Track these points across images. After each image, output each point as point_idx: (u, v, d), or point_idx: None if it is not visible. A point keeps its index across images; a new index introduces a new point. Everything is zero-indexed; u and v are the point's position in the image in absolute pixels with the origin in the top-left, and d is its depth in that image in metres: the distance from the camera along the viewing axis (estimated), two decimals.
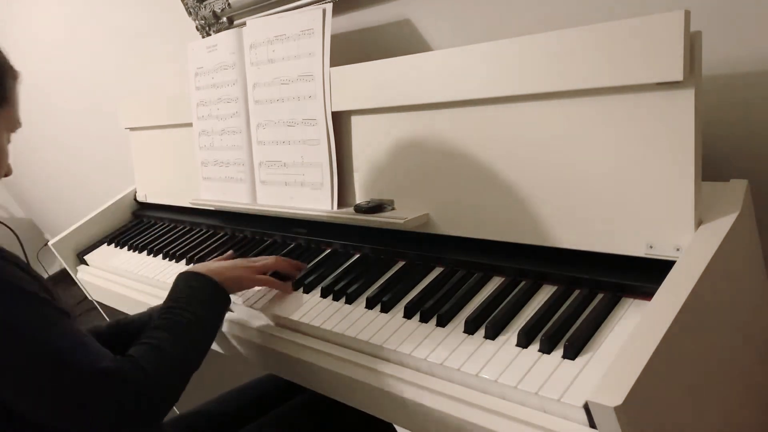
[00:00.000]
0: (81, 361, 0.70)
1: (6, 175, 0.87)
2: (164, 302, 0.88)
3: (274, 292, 1.02)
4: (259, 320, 1.02)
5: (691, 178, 0.70)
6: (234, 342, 1.05)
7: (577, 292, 0.78)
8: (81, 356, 0.71)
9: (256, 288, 1.04)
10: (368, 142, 1.05)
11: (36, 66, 2.50)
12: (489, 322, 0.76)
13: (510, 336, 0.75)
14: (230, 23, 1.49)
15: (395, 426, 1.15)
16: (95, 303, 1.63)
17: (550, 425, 0.63)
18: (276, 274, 1.03)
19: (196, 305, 0.86)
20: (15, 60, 0.88)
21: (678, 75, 0.68)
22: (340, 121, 1.09)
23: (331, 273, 1.03)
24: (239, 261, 1.01)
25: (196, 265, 0.99)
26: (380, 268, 0.99)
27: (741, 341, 0.79)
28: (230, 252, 1.18)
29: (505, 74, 0.83)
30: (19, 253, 3.42)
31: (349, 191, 1.10)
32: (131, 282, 1.37)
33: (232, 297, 0.97)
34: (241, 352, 1.06)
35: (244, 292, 1.03)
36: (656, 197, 0.73)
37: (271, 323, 1.00)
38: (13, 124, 0.86)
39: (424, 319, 0.83)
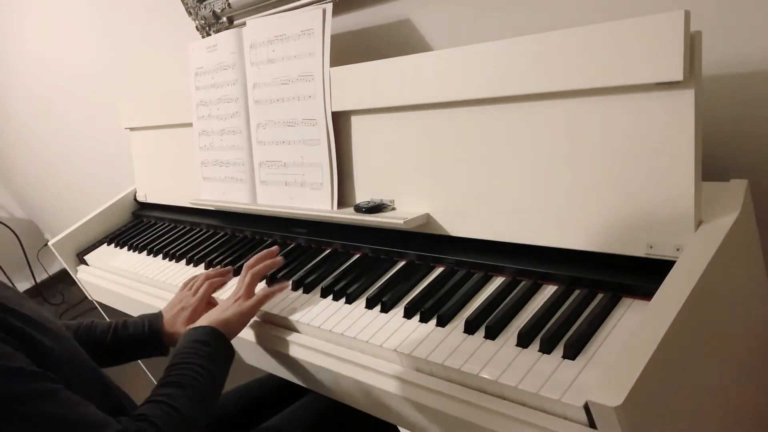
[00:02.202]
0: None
1: None
2: (171, 358, 0.86)
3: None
4: (259, 320, 1.02)
5: (691, 178, 0.70)
6: (234, 342, 1.05)
7: (577, 292, 0.78)
8: (91, 427, 0.67)
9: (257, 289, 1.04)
10: (368, 142, 1.05)
11: (36, 66, 2.50)
12: (489, 322, 0.76)
13: (510, 336, 0.75)
14: (230, 23, 1.49)
15: (398, 427, 1.15)
16: (95, 303, 1.63)
17: (550, 425, 0.63)
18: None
19: (200, 359, 0.84)
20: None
21: (678, 75, 0.68)
22: (340, 121, 1.09)
23: (331, 273, 1.03)
24: (230, 304, 0.97)
25: (202, 317, 0.97)
26: (380, 268, 0.99)
27: (741, 341, 0.79)
28: (228, 267, 1.16)
29: (504, 74, 0.83)
30: (19, 253, 3.43)
31: (349, 191, 1.10)
32: (131, 282, 1.37)
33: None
34: (241, 352, 1.06)
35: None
36: (656, 197, 0.73)
37: (271, 323, 1.00)
38: None
39: (424, 319, 0.83)
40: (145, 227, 1.60)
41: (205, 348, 0.85)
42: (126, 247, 1.51)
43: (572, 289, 0.79)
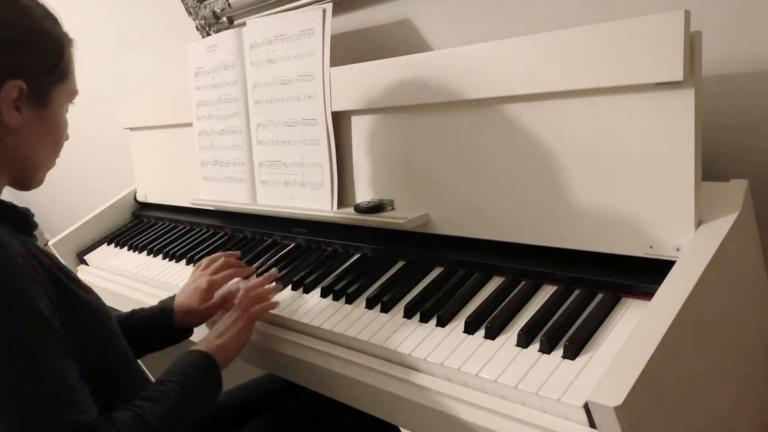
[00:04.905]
0: (66, 410, 0.66)
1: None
2: (162, 373, 0.86)
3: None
4: (259, 320, 1.01)
5: (691, 178, 0.70)
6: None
7: (577, 292, 0.78)
8: (67, 405, 0.67)
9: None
10: (368, 142, 1.05)
11: None
12: (489, 322, 0.76)
13: (510, 336, 0.75)
14: (230, 23, 1.49)
15: (399, 427, 1.15)
16: None
17: (550, 425, 0.63)
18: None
19: (188, 384, 0.83)
20: None
21: (678, 75, 0.68)
22: (340, 121, 1.09)
23: (331, 273, 1.03)
24: (226, 327, 0.94)
25: (203, 339, 0.94)
26: (380, 268, 0.99)
27: (741, 341, 0.79)
28: (237, 252, 1.16)
29: (504, 74, 0.83)
30: None
31: (349, 191, 1.10)
32: (131, 282, 1.37)
33: None
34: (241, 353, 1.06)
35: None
36: (656, 197, 0.73)
37: (271, 323, 1.00)
38: (72, 94, 0.85)
39: (424, 319, 0.83)
40: (145, 227, 1.60)
41: (195, 373, 0.84)
42: (126, 247, 1.51)
43: (572, 289, 0.79)
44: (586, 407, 0.60)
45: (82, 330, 0.77)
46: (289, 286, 1.04)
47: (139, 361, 0.94)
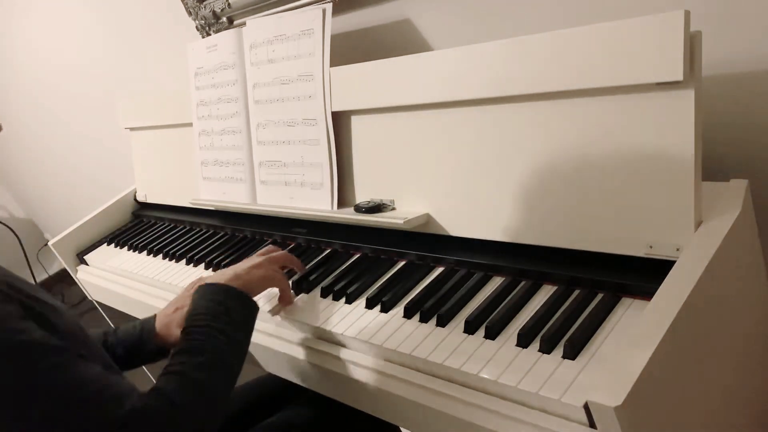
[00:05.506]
0: (106, 407, 0.65)
1: None
2: (184, 322, 0.82)
3: (275, 291, 1.02)
4: (259, 320, 1.01)
5: (691, 178, 0.70)
6: None
7: (577, 292, 0.78)
8: (105, 402, 0.65)
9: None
10: (368, 142, 1.06)
11: (36, 66, 2.50)
12: (489, 322, 0.76)
13: (510, 336, 0.75)
14: (230, 23, 1.49)
15: (399, 427, 1.15)
16: (95, 303, 1.63)
17: (550, 425, 0.63)
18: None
19: (218, 321, 0.79)
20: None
21: (678, 75, 0.68)
22: (340, 121, 1.09)
23: (331, 273, 1.03)
24: (255, 259, 0.93)
25: (212, 275, 0.92)
26: (380, 268, 0.99)
27: (741, 341, 0.79)
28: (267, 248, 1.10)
29: (504, 74, 0.83)
30: (19, 253, 3.43)
31: (349, 191, 1.10)
32: (131, 282, 1.37)
33: None
34: None
35: None
36: (656, 197, 0.73)
37: (271, 323, 1.00)
38: None
39: (424, 319, 0.83)
40: (145, 227, 1.60)
41: (220, 304, 0.80)
42: (126, 247, 1.51)
43: (572, 289, 0.79)
44: (586, 407, 0.60)
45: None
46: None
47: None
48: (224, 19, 1.49)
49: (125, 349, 0.97)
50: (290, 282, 1.03)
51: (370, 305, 0.91)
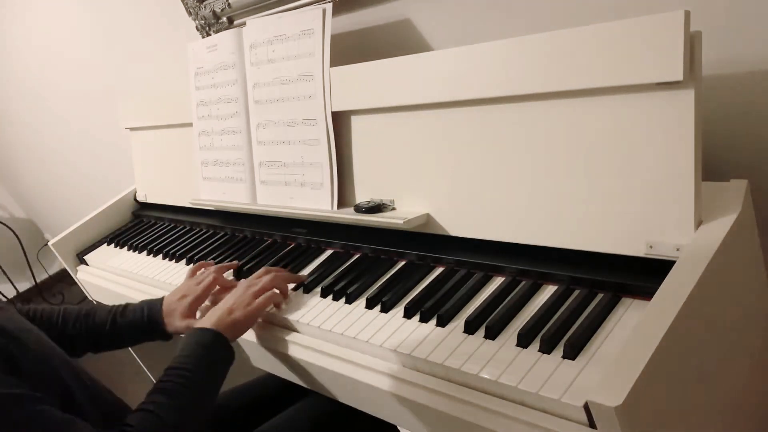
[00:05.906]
0: None
1: None
2: (172, 359, 0.85)
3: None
4: (259, 320, 1.02)
5: (691, 178, 0.70)
6: (234, 342, 1.05)
7: (577, 292, 0.78)
8: None
9: None
10: (368, 142, 1.06)
11: (36, 66, 2.50)
12: (489, 322, 0.76)
13: (510, 336, 0.75)
14: (230, 23, 1.49)
15: (399, 428, 1.15)
16: (95, 303, 1.63)
17: (550, 425, 0.63)
18: None
19: (196, 363, 0.82)
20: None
21: (678, 75, 0.68)
22: (340, 121, 1.09)
23: (331, 273, 1.03)
24: (236, 298, 0.96)
25: (213, 311, 0.95)
26: (380, 268, 0.99)
27: (741, 341, 0.79)
28: (235, 262, 1.16)
29: (504, 74, 0.83)
30: (19, 253, 3.43)
31: (349, 191, 1.10)
32: (131, 282, 1.37)
33: None
34: (241, 352, 1.06)
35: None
36: (656, 197, 0.73)
37: (271, 323, 1.00)
38: None
39: (424, 319, 0.83)
40: (145, 227, 1.60)
41: (206, 353, 0.84)
42: (126, 247, 1.51)
43: (572, 289, 0.79)
44: (586, 407, 0.60)
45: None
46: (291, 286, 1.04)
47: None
48: (224, 19, 1.48)
49: (130, 332, 1.04)
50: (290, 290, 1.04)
51: (370, 305, 0.91)
